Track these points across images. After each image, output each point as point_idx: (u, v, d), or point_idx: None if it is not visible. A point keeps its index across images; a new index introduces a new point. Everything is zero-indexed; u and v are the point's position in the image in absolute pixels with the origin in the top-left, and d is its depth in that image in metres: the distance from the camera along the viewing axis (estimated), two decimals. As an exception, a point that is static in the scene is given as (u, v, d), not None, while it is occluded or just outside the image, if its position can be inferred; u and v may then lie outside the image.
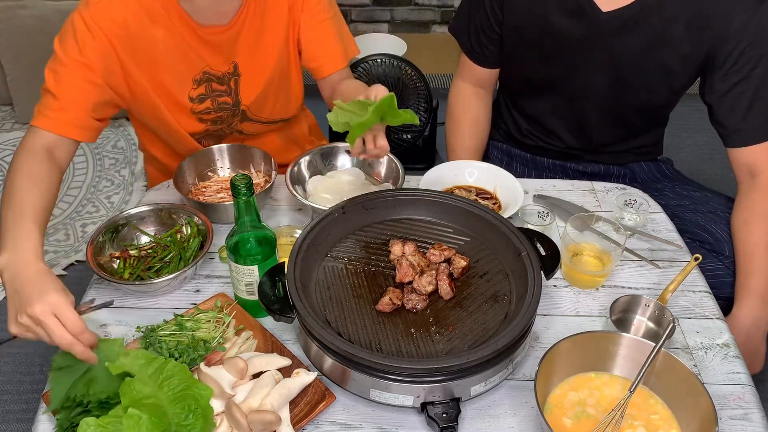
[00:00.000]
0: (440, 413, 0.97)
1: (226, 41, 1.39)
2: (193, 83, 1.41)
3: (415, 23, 3.56)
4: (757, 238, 1.41)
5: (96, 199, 2.57)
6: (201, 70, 1.40)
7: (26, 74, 2.82)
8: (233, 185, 1.03)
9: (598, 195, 1.48)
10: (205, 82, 1.42)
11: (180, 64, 1.37)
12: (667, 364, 0.99)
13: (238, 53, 1.42)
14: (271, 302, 1.05)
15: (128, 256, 1.25)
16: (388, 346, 1.02)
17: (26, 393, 1.87)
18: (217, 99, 1.45)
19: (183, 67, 1.38)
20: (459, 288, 1.13)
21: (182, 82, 1.40)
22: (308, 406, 1.00)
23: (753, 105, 1.44)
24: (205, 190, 1.44)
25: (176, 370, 0.97)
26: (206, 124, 1.47)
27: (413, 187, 1.37)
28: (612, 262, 1.22)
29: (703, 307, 1.22)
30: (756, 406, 1.05)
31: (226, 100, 1.46)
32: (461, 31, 1.68)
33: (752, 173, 1.46)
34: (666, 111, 1.67)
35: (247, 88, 1.47)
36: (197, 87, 1.41)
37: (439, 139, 2.59)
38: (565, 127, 1.67)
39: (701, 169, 2.77)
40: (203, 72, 1.40)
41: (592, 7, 1.45)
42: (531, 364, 1.10)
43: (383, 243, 1.20)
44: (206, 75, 1.41)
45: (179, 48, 1.35)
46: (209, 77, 1.41)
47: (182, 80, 1.40)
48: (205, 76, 1.41)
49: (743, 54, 1.41)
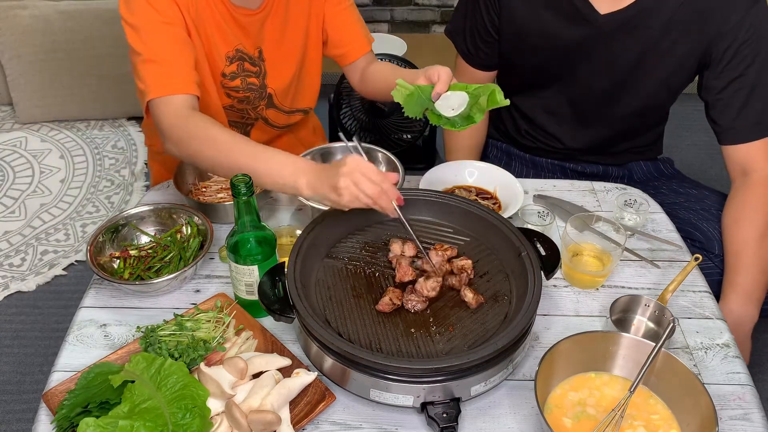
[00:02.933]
0: (440, 413, 0.97)
1: (253, 25, 1.41)
2: (227, 60, 1.42)
3: (415, 23, 3.56)
4: (746, 236, 1.41)
5: (96, 199, 2.57)
6: (234, 47, 1.41)
7: (26, 74, 2.82)
8: (233, 185, 1.03)
9: (598, 195, 1.48)
10: (237, 60, 1.43)
11: (216, 36, 1.38)
12: (667, 364, 0.99)
13: (264, 39, 1.44)
14: (271, 302, 1.05)
15: (128, 256, 1.25)
16: (388, 346, 1.02)
17: (26, 393, 1.87)
18: (246, 78, 1.46)
19: (219, 41, 1.39)
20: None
21: (218, 56, 1.41)
22: (308, 406, 1.00)
23: (747, 103, 1.44)
24: (205, 190, 1.44)
25: (173, 369, 0.97)
26: (233, 101, 1.49)
27: (413, 187, 1.37)
28: (612, 262, 1.22)
29: (703, 307, 1.22)
30: (756, 406, 1.05)
31: (254, 81, 1.48)
32: (458, 34, 1.68)
33: (745, 171, 1.47)
34: (664, 109, 1.67)
35: (272, 75, 1.49)
36: (230, 64, 1.43)
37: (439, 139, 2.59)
38: (564, 129, 1.67)
39: (701, 168, 2.77)
40: (236, 49, 1.42)
41: (590, 10, 1.45)
42: (531, 364, 1.10)
43: (383, 243, 1.20)
44: (239, 53, 1.42)
45: (216, 21, 1.37)
46: (242, 56, 1.43)
47: (218, 53, 1.41)
48: (238, 54, 1.42)
49: (738, 52, 1.41)
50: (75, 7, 2.79)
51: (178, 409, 0.93)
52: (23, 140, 2.85)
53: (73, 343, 1.12)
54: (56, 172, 2.69)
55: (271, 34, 1.45)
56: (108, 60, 2.83)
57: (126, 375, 0.96)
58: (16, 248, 2.33)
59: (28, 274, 2.23)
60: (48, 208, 2.51)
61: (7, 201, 2.53)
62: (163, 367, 0.97)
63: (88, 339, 1.13)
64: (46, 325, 2.07)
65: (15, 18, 2.74)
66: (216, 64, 1.42)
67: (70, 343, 1.12)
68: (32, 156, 2.77)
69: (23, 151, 2.80)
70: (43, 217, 2.46)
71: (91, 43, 2.80)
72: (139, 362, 0.98)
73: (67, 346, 1.11)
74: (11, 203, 2.52)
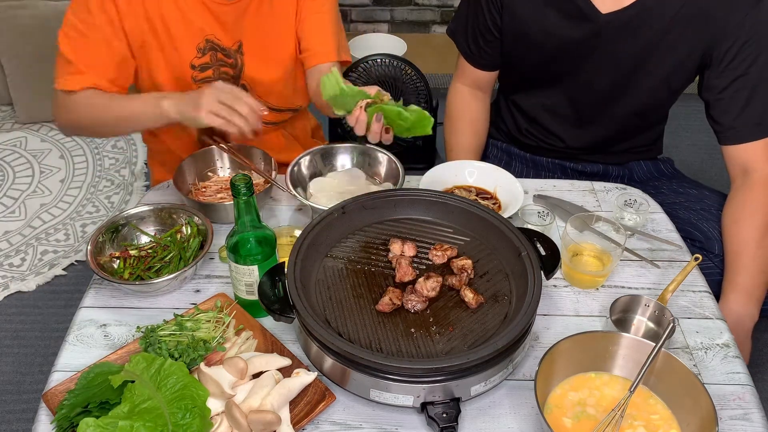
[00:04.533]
0: (440, 413, 0.97)
1: (228, 15, 1.39)
2: (198, 51, 1.41)
3: (415, 23, 3.56)
4: (746, 236, 1.41)
5: (96, 199, 2.57)
6: (204, 37, 1.41)
7: (26, 74, 2.82)
8: (233, 185, 1.03)
9: (598, 195, 1.48)
10: (210, 51, 1.42)
11: (180, 27, 1.38)
12: (667, 364, 0.99)
13: (244, 32, 1.43)
14: (271, 302, 1.05)
15: (128, 256, 1.25)
16: (388, 346, 1.02)
17: (26, 393, 1.87)
18: (219, 68, 1.46)
19: (183, 32, 1.39)
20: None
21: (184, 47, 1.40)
22: (308, 406, 1.00)
23: (749, 102, 1.44)
24: (205, 190, 1.44)
25: (173, 369, 0.97)
26: None
27: (413, 187, 1.36)
28: (612, 262, 1.22)
29: (703, 307, 1.22)
30: (756, 406, 1.05)
31: (227, 71, 1.47)
32: (459, 34, 1.67)
33: (745, 171, 1.47)
34: (665, 109, 1.67)
35: (252, 69, 1.47)
36: (202, 56, 1.42)
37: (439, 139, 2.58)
38: (565, 128, 1.67)
39: (701, 168, 2.77)
40: (206, 39, 1.41)
41: (592, 9, 1.45)
42: (531, 364, 1.10)
43: (383, 243, 1.20)
44: (210, 43, 1.41)
45: (180, 11, 1.37)
46: (214, 46, 1.42)
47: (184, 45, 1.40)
48: (209, 44, 1.41)
49: (741, 51, 1.41)
50: (75, 7, 2.80)
51: (178, 409, 0.93)
52: (23, 140, 2.85)
53: (73, 343, 1.12)
54: (56, 172, 2.69)
55: (252, 28, 1.43)
56: (108, 60, 2.83)
57: (126, 375, 0.96)
58: (16, 248, 2.33)
59: (28, 274, 2.23)
60: (48, 208, 2.51)
61: (7, 201, 2.53)
62: (163, 367, 0.97)
63: (88, 339, 1.13)
64: (46, 325, 2.07)
65: (15, 18, 2.74)
66: (182, 56, 1.41)
67: (70, 343, 1.12)
68: (32, 156, 2.77)
69: (23, 151, 2.80)
70: (43, 217, 2.46)
71: (91, 43, 2.80)
72: (139, 362, 0.97)
73: (67, 346, 1.11)
74: (11, 203, 2.52)
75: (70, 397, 0.98)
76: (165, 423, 0.92)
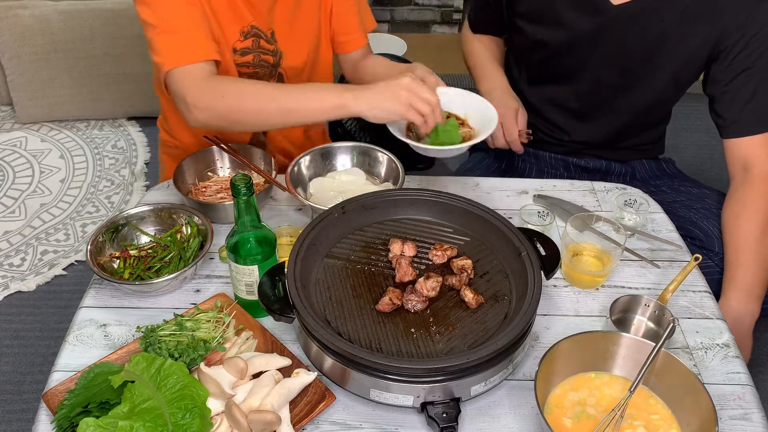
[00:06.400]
0: (440, 413, 0.97)
1: (263, 4, 1.41)
2: (241, 35, 1.42)
3: (415, 23, 3.56)
4: (746, 232, 1.41)
5: (96, 199, 2.57)
6: (249, 23, 1.41)
7: (26, 74, 2.82)
8: (233, 185, 1.03)
9: (598, 195, 1.48)
10: (252, 36, 1.42)
11: (228, 11, 1.38)
12: (667, 364, 0.99)
13: (274, 21, 1.44)
14: (271, 302, 1.05)
15: (128, 256, 1.25)
16: (388, 346, 1.02)
17: (26, 393, 1.87)
18: (261, 55, 1.46)
19: (230, 16, 1.39)
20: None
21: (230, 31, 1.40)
22: (308, 406, 1.00)
23: (754, 96, 1.44)
24: (205, 190, 1.44)
25: (173, 369, 0.97)
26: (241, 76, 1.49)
27: (413, 187, 1.36)
28: (612, 262, 1.22)
29: (703, 307, 1.22)
30: (756, 406, 1.05)
31: (268, 59, 1.48)
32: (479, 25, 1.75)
33: (746, 167, 1.47)
34: (670, 105, 1.67)
35: (286, 58, 1.49)
36: (244, 39, 1.42)
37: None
38: (571, 120, 1.67)
39: (701, 168, 2.77)
40: (251, 25, 1.41)
41: (603, 0, 1.45)
42: (531, 364, 1.10)
43: (383, 243, 1.20)
44: (254, 29, 1.42)
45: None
46: (257, 32, 1.43)
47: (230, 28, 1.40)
48: (253, 30, 1.42)
49: (748, 45, 1.42)
50: (75, 7, 2.79)
51: (178, 409, 0.93)
52: (23, 140, 2.85)
53: (73, 343, 1.12)
54: (56, 172, 2.69)
55: (281, 16, 1.45)
56: (108, 60, 2.83)
57: (126, 375, 0.96)
58: (16, 248, 2.33)
59: (28, 274, 2.23)
60: (48, 208, 2.51)
61: (7, 201, 2.53)
62: (163, 367, 0.97)
63: (88, 339, 1.13)
64: (46, 325, 2.07)
65: (15, 18, 2.74)
66: (227, 39, 1.41)
67: (70, 343, 1.12)
68: (32, 156, 2.77)
69: (23, 151, 2.80)
70: (43, 217, 2.46)
71: (91, 43, 2.80)
72: (139, 362, 0.98)
73: (67, 346, 1.11)
74: (11, 203, 2.52)
75: (70, 397, 0.98)
76: (165, 423, 0.92)
